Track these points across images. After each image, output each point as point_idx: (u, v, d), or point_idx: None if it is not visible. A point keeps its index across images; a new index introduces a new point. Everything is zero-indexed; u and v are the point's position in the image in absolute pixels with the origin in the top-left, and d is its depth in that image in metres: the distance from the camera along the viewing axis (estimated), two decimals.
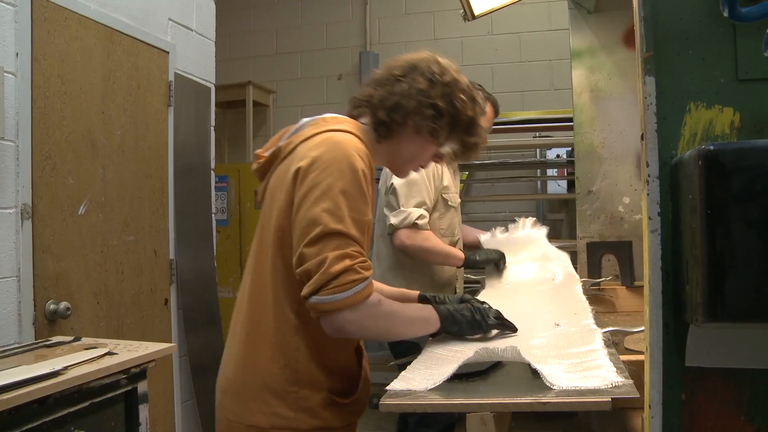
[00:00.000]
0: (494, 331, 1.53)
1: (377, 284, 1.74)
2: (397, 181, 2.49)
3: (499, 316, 1.52)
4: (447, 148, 1.55)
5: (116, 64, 2.60)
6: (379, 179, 2.73)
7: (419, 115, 1.45)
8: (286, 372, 1.38)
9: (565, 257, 2.40)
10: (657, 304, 1.00)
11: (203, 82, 3.23)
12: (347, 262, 1.27)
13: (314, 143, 1.38)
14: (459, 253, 2.56)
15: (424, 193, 2.49)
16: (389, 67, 1.52)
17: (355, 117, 1.54)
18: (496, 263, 2.50)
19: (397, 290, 1.82)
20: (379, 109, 1.47)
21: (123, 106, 2.64)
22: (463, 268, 2.62)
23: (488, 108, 2.63)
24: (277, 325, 1.39)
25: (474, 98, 1.51)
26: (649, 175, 1.02)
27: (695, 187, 0.91)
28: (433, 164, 1.63)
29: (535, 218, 2.67)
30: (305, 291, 1.28)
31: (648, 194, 1.02)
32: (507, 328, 1.51)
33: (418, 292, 1.79)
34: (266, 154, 1.51)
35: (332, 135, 1.40)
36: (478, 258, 2.52)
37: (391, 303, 1.40)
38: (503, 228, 2.70)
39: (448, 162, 2.36)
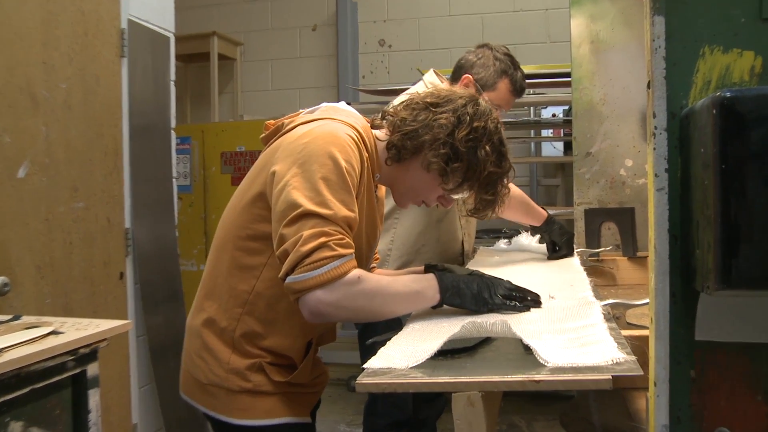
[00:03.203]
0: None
1: (383, 271, 1.86)
2: None
3: (508, 295, 1.53)
4: (458, 195, 1.60)
5: (58, 7, 2.52)
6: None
7: (432, 150, 1.50)
8: (223, 336, 1.51)
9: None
10: (663, 271, 0.98)
11: (161, 31, 3.16)
12: (322, 239, 1.32)
13: (306, 129, 1.46)
14: (541, 210, 2.50)
15: None
16: (428, 93, 1.59)
17: (375, 127, 1.61)
18: (566, 244, 2.44)
19: (404, 271, 1.84)
20: (396, 130, 1.53)
21: (68, 56, 2.57)
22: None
23: (503, 84, 2.42)
24: (228, 290, 1.52)
25: (503, 155, 1.55)
26: (655, 128, 0.99)
27: (708, 139, 0.89)
28: None
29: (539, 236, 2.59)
30: (281, 272, 1.35)
31: (654, 149, 0.99)
32: (514, 309, 1.51)
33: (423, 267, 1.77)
34: (273, 126, 1.62)
35: (325, 123, 1.47)
36: (557, 222, 2.47)
37: (376, 279, 1.43)
38: (507, 241, 2.72)
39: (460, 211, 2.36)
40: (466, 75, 2.39)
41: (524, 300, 1.54)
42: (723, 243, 0.87)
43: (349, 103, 1.70)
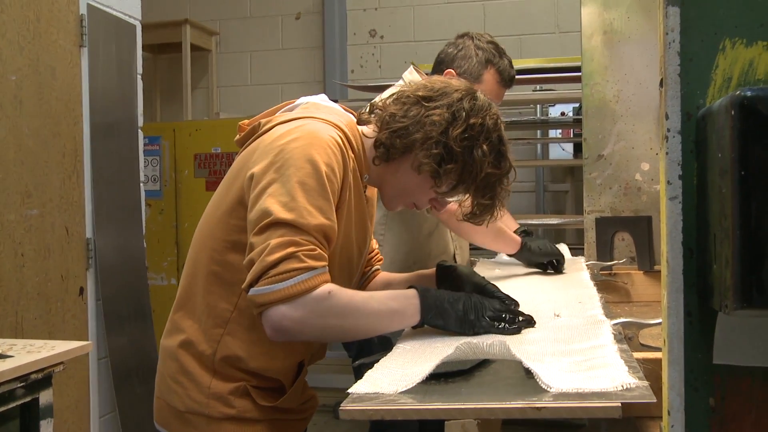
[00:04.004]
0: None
1: (390, 274, 1.88)
2: None
3: (497, 316, 1.53)
4: (453, 199, 1.62)
5: None
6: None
7: (424, 150, 1.50)
8: (203, 359, 1.51)
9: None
10: (677, 288, 0.99)
11: (126, 18, 3.18)
12: (290, 249, 1.33)
13: (285, 130, 1.47)
14: (514, 236, 2.47)
15: None
16: (421, 84, 1.59)
17: (362, 122, 1.61)
18: (552, 264, 2.45)
19: (413, 274, 1.85)
20: (385, 127, 1.54)
21: (18, 44, 2.58)
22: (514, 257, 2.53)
23: (488, 75, 2.44)
24: (207, 308, 1.52)
25: (502, 154, 1.56)
26: (668, 130, 1.00)
27: (726, 142, 0.89)
28: None
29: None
30: (245, 283, 1.37)
31: (667, 153, 1.00)
32: (503, 332, 1.51)
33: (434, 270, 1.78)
34: (249, 126, 1.62)
35: (306, 123, 1.48)
36: (533, 247, 2.45)
37: (349, 295, 1.44)
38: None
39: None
40: (448, 70, 2.40)
41: (514, 322, 1.54)
42: (742, 257, 0.87)
43: (335, 101, 1.71)
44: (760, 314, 0.92)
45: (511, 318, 1.54)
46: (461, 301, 1.51)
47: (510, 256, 2.51)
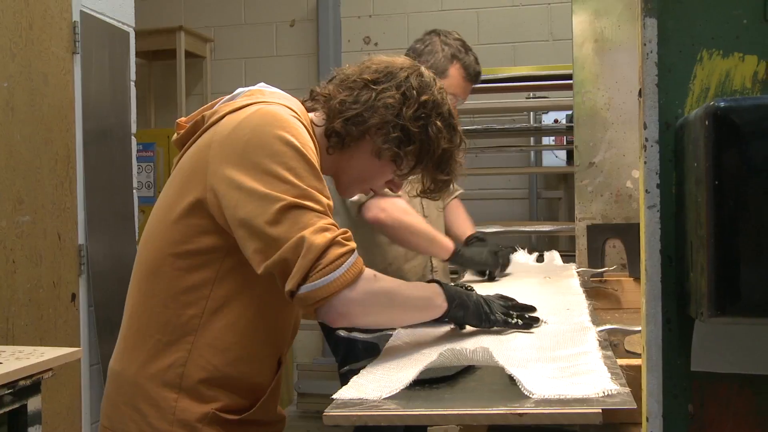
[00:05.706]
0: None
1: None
2: None
3: (508, 314, 1.56)
4: (410, 178, 1.61)
5: None
6: None
7: (382, 135, 1.48)
8: (167, 375, 1.39)
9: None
10: (655, 296, 1.00)
11: (119, 25, 3.19)
12: (328, 236, 1.29)
13: (240, 119, 1.39)
14: (447, 241, 2.44)
15: None
16: (363, 67, 1.55)
17: (307, 110, 1.56)
18: (487, 272, 2.44)
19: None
20: (335, 116, 1.49)
21: (10, 51, 2.59)
22: (447, 263, 2.52)
23: (454, 70, 2.50)
24: (173, 318, 1.40)
25: (454, 127, 1.55)
26: (646, 140, 1.01)
27: (701, 152, 0.90)
28: None
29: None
30: (290, 284, 1.29)
31: (645, 162, 1.01)
32: (517, 327, 1.55)
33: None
34: (188, 123, 1.52)
35: (260, 108, 1.41)
36: (466, 255, 2.45)
37: (389, 279, 1.44)
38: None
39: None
40: None
41: (523, 318, 1.58)
42: (716, 265, 0.88)
43: None
44: (734, 321, 0.93)
45: (520, 314, 1.57)
46: (473, 296, 1.55)
47: (444, 261, 2.51)
